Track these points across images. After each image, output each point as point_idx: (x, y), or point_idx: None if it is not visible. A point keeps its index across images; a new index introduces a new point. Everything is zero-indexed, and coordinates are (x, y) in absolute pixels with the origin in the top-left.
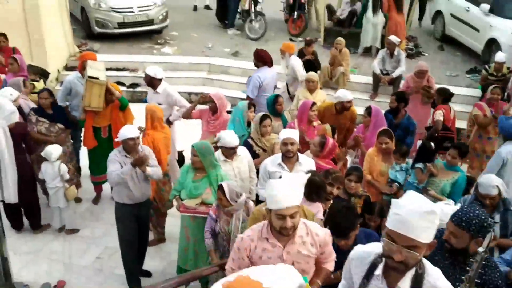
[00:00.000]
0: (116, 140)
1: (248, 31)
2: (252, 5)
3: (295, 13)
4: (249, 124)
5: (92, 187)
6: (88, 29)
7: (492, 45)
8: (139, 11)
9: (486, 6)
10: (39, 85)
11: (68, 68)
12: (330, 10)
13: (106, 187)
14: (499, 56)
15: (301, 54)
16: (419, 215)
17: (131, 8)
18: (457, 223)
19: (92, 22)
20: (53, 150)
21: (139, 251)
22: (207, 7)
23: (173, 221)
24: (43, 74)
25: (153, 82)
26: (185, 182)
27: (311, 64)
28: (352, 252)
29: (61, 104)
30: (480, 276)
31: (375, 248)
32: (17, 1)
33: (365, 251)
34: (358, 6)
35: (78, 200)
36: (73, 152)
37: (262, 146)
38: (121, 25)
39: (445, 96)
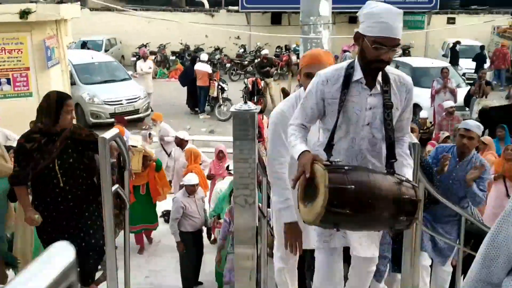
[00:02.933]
0: (181, 183)
1: (218, 114)
2: (220, 93)
3: (255, 97)
4: None
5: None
6: (83, 121)
7: (416, 107)
8: (127, 103)
9: None
10: None
11: None
12: (284, 92)
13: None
14: (423, 114)
15: None
16: (396, 16)
17: (121, 100)
18: None
19: (87, 114)
20: None
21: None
22: None
23: None
24: None
25: (182, 143)
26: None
27: None
28: (317, 76)
29: None
30: None
31: (339, 65)
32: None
33: (337, 68)
34: None
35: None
36: None
37: None
38: (113, 115)
39: None
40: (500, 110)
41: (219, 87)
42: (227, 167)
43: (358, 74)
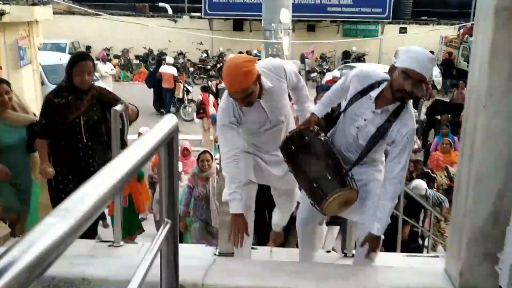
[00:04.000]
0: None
1: (183, 114)
2: (185, 95)
3: (219, 99)
4: None
5: None
6: None
7: None
8: None
9: None
10: None
11: None
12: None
13: None
14: None
15: None
16: (428, 58)
17: None
18: None
19: None
20: None
21: None
22: None
23: None
24: None
25: None
26: None
27: None
28: (358, 69)
29: None
30: None
31: (379, 74)
32: None
33: (373, 72)
34: None
35: None
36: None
37: None
38: None
39: None
40: (445, 105)
41: (185, 89)
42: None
43: (374, 93)
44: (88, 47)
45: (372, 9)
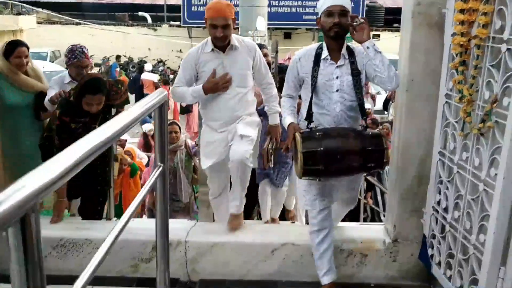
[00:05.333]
0: None
1: None
2: None
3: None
4: None
5: None
6: None
7: None
8: None
9: None
10: None
11: None
12: None
13: None
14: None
15: None
16: None
17: None
18: None
19: None
20: None
21: None
22: None
23: None
24: None
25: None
26: None
27: None
28: (296, 56)
29: None
30: None
31: (311, 46)
32: None
33: (308, 49)
34: None
35: None
36: None
37: None
38: None
39: None
40: None
41: None
42: None
43: (324, 53)
44: None
45: None
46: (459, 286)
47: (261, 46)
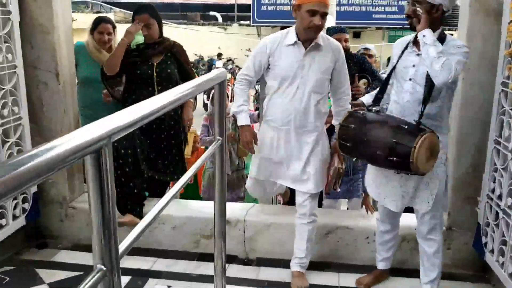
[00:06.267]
0: None
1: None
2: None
3: None
4: None
5: None
6: None
7: None
8: None
9: None
10: None
11: None
12: None
13: None
14: None
15: None
16: None
17: None
18: None
19: None
20: None
21: None
22: None
23: None
24: None
25: None
26: None
27: None
28: (395, 43)
29: None
30: None
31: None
32: None
33: (405, 39)
34: None
35: None
36: None
37: None
38: None
39: None
40: None
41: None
42: None
43: (410, 42)
44: None
45: None
46: (510, 272)
47: (342, 30)
